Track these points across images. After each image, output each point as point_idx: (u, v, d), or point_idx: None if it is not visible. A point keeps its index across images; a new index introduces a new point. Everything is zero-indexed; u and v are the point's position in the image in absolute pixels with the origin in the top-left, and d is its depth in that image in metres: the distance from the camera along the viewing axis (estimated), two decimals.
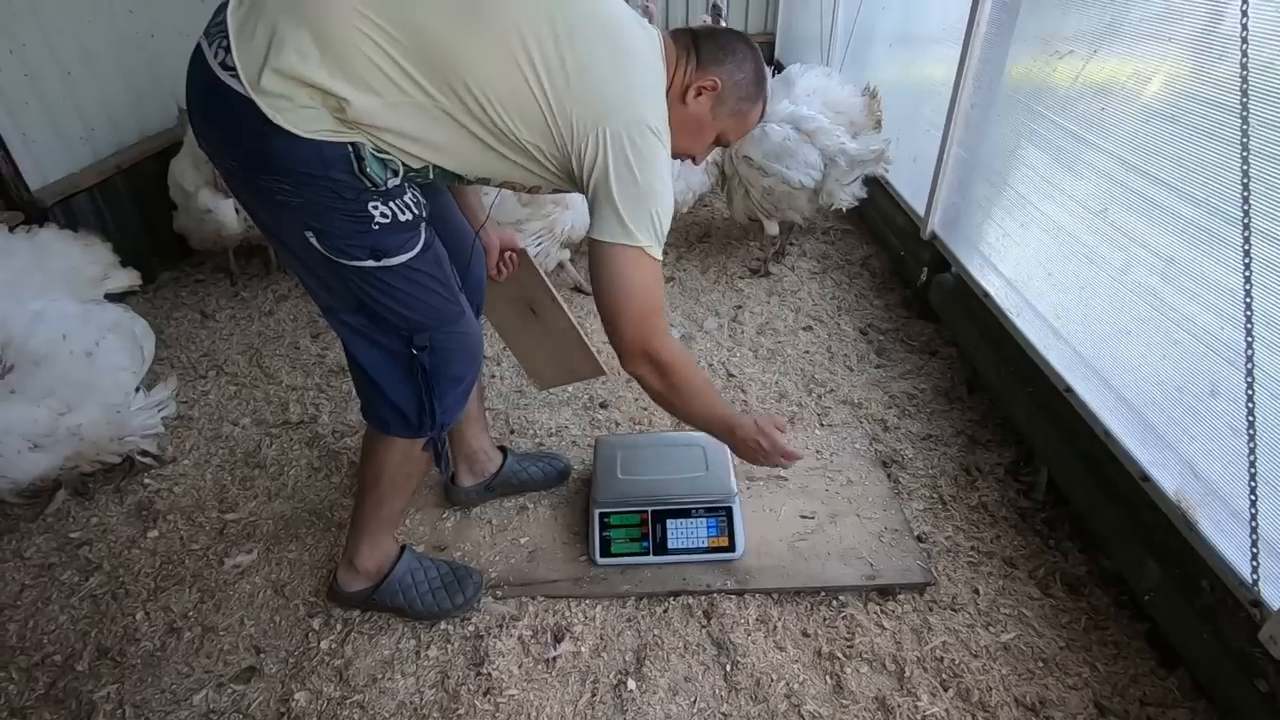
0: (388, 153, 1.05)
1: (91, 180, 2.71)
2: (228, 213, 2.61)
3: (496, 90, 1.01)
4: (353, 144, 1.01)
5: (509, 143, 1.06)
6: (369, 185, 1.03)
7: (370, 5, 0.95)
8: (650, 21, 1.35)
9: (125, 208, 2.87)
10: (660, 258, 1.14)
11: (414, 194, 1.12)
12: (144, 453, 1.89)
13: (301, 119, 0.97)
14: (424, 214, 1.14)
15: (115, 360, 1.78)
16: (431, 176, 1.12)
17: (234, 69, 0.95)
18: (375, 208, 1.05)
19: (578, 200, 2.55)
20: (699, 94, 1.19)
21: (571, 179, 1.12)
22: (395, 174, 1.06)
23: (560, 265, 2.78)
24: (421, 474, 1.43)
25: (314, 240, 1.06)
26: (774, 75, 3.18)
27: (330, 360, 2.43)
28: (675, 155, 1.25)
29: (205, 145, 1.08)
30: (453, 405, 1.31)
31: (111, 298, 2.06)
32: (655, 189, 1.09)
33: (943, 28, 2.44)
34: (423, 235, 1.14)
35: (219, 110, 0.99)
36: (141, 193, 2.91)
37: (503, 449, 1.79)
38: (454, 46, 0.98)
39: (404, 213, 1.09)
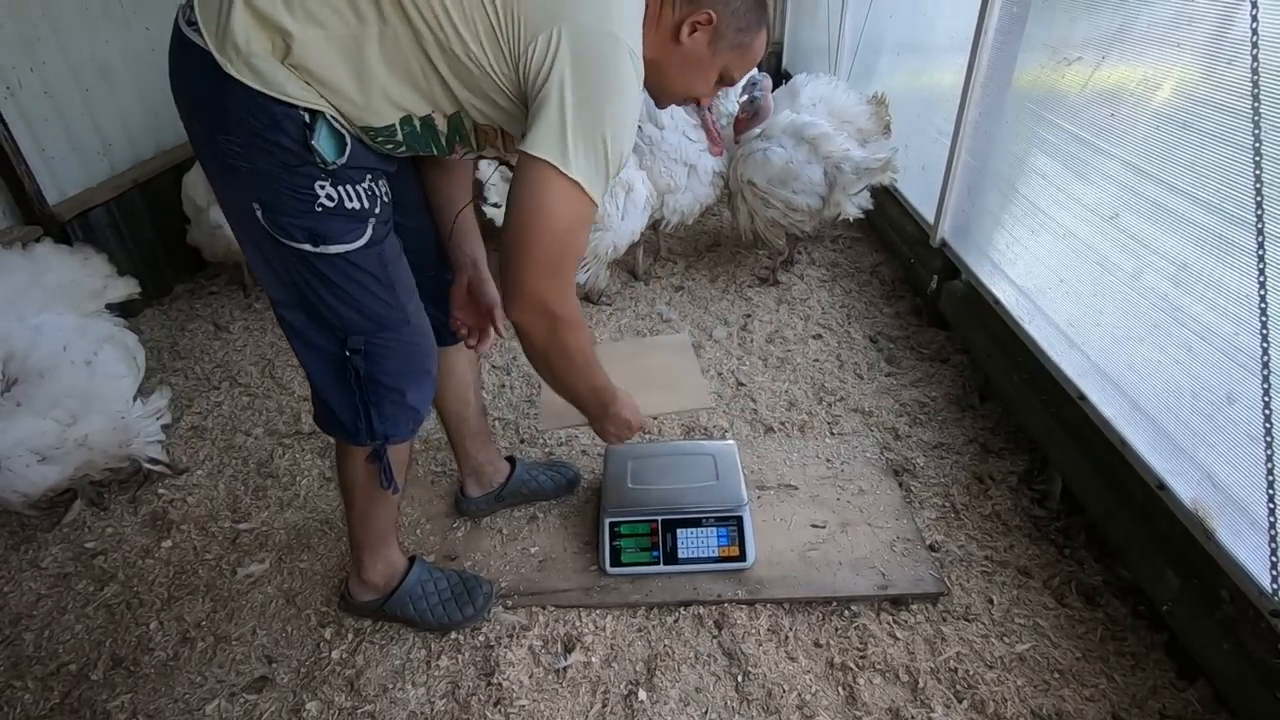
0: (344, 122, 1.02)
1: (108, 194, 2.75)
2: None
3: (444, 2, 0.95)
4: (308, 111, 0.99)
5: (461, 65, 0.99)
6: (316, 161, 1.01)
7: None
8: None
9: (141, 221, 2.91)
10: (597, 202, 1.01)
11: (371, 185, 1.08)
12: (153, 460, 1.91)
13: (255, 72, 0.95)
14: (376, 209, 1.10)
15: (114, 369, 1.82)
16: (401, 137, 1.07)
17: (196, 24, 0.97)
18: (321, 187, 1.03)
19: (616, 218, 2.54)
20: (694, 30, 1.09)
21: (527, 104, 1.01)
22: (343, 151, 1.03)
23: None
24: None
25: (259, 214, 1.04)
26: (781, 85, 3.19)
27: None
28: (680, 99, 1.21)
29: (178, 108, 1.07)
30: (394, 416, 1.25)
31: (112, 308, 2.09)
32: (612, 111, 0.96)
33: (950, 36, 2.44)
34: (369, 231, 1.10)
35: (183, 66, 1.01)
36: (157, 206, 2.95)
37: (511, 459, 1.79)
38: None
39: (351, 200, 1.06)
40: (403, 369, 1.23)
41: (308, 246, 1.06)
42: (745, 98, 2.78)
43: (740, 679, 1.39)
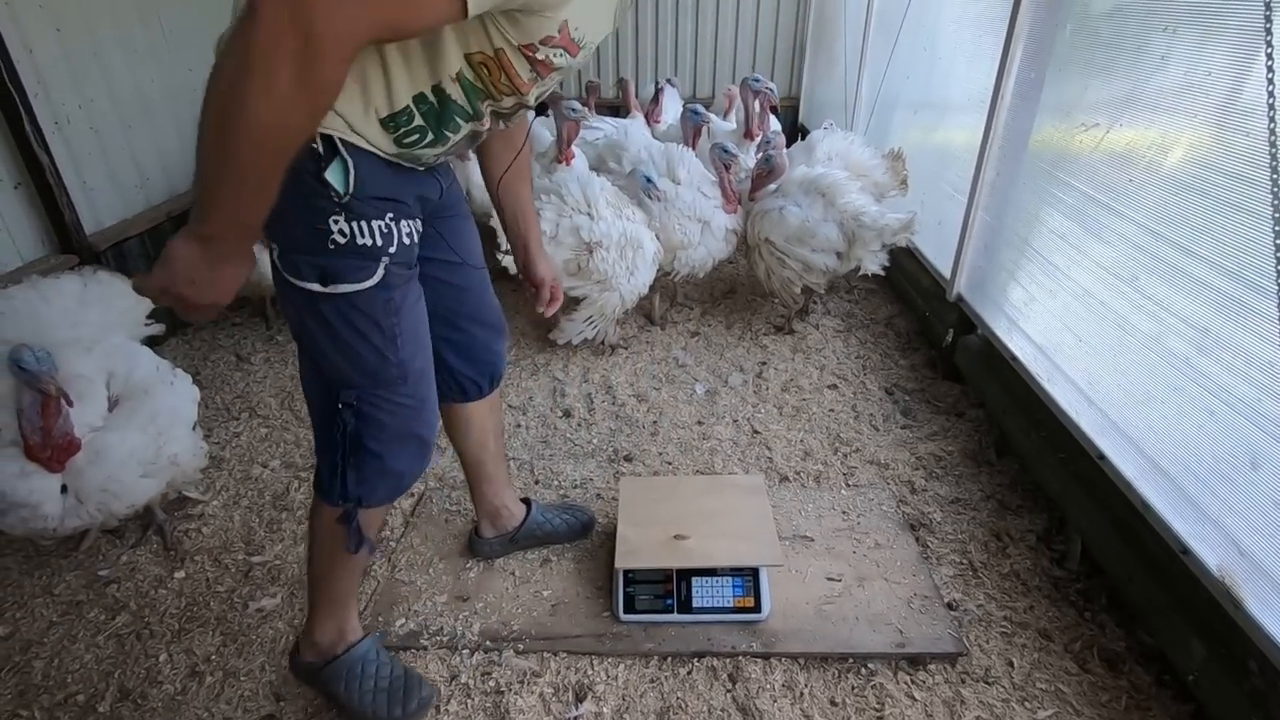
0: (362, 140, 1.01)
1: (143, 226, 2.84)
2: (267, 264, 2.69)
3: None
4: (323, 136, 0.98)
5: None
6: (329, 193, 1.01)
7: None
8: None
9: None
10: (470, 11, 0.84)
11: (390, 224, 1.08)
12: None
13: None
14: (391, 248, 1.09)
15: (189, 391, 1.89)
16: (420, 119, 1.02)
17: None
18: (335, 222, 1.03)
19: (623, 277, 2.59)
20: None
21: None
22: (348, 180, 1.01)
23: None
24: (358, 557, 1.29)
25: (275, 255, 1.08)
26: (798, 140, 3.27)
27: None
28: None
29: None
30: (372, 481, 1.20)
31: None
32: None
33: (966, 97, 2.51)
34: (380, 271, 1.09)
35: None
36: None
37: (527, 501, 1.79)
38: None
39: (363, 236, 1.06)
40: (392, 433, 1.19)
41: (316, 286, 1.07)
42: (761, 155, 2.85)
43: None
